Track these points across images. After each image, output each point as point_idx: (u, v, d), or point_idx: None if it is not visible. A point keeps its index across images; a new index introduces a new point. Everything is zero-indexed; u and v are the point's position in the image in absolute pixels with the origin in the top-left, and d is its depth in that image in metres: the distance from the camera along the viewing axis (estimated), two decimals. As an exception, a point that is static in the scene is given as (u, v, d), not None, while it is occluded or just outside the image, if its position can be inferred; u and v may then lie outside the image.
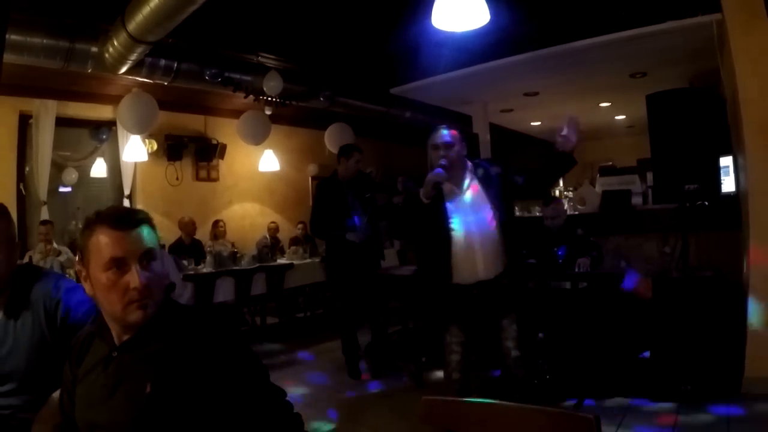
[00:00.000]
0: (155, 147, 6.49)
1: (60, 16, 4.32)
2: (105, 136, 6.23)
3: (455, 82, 5.52)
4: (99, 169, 6.17)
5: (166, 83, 5.30)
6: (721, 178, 3.79)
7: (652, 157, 3.77)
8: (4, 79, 3.30)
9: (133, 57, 4.47)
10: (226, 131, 7.10)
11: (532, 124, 8.26)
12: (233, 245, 6.27)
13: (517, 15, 4.13)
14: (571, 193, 5.62)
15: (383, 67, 5.83)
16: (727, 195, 3.96)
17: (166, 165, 6.71)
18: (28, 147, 5.63)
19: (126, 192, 6.34)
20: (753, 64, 3.30)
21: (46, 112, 5.59)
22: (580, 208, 5.23)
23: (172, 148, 6.69)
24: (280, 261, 6.07)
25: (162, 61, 5.05)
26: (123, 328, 1.12)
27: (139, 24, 3.93)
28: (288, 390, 1.23)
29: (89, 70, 4.75)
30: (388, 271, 4.61)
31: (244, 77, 5.68)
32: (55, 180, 5.87)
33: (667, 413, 3.06)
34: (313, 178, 8.22)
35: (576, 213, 5.13)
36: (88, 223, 1.12)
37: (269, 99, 5.96)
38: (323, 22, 4.95)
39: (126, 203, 6.30)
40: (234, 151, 7.25)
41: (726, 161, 3.99)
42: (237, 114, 6.53)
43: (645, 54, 4.71)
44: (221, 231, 6.56)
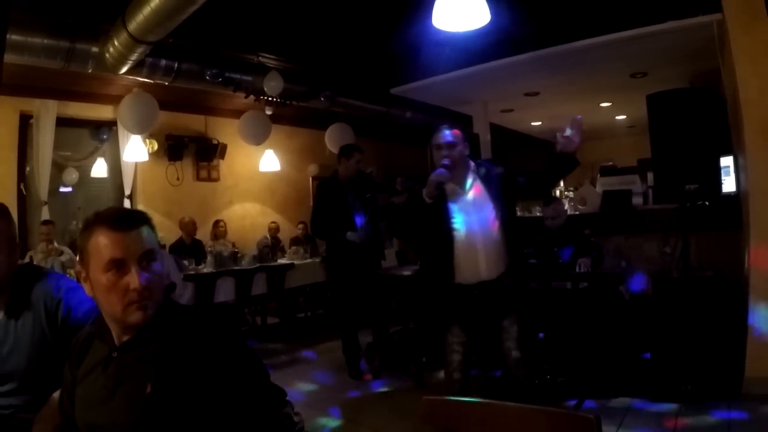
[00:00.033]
0: (156, 147, 6.50)
1: (61, 16, 4.32)
2: (105, 136, 6.23)
3: (456, 82, 5.52)
4: (99, 169, 6.17)
5: (166, 83, 5.30)
6: (722, 178, 3.79)
7: (653, 157, 3.77)
8: (4, 79, 3.30)
9: (134, 57, 4.47)
10: (227, 131, 7.11)
11: (532, 124, 8.26)
12: (234, 245, 6.27)
13: (518, 15, 4.13)
14: (571, 193, 5.61)
15: (384, 67, 5.83)
16: (728, 195, 3.96)
17: (166, 165, 6.72)
18: (29, 147, 5.64)
19: (127, 192, 6.34)
20: (753, 64, 3.29)
21: (46, 112, 5.60)
22: (580, 208, 5.23)
23: (173, 148, 6.69)
24: (281, 261, 6.07)
25: (163, 61, 5.05)
26: (123, 328, 1.12)
27: (139, 24, 3.93)
28: (289, 390, 1.24)
29: (90, 70, 4.75)
30: (389, 271, 4.61)
31: (245, 77, 5.68)
32: (56, 180, 5.87)
33: (668, 413, 3.06)
34: (314, 178, 8.23)
35: (576, 213, 5.12)
36: (87, 224, 1.12)
37: (270, 99, 5.96)
38: (323, 22, 4.95)
39: (127, 203, 6.30)
40: (234, 151, 7.26)
41: (726, 161, 3.99)
42: (237, 114, 6.53)
43: (645, 54, 4.71)
44: (222, 231, 6.57)
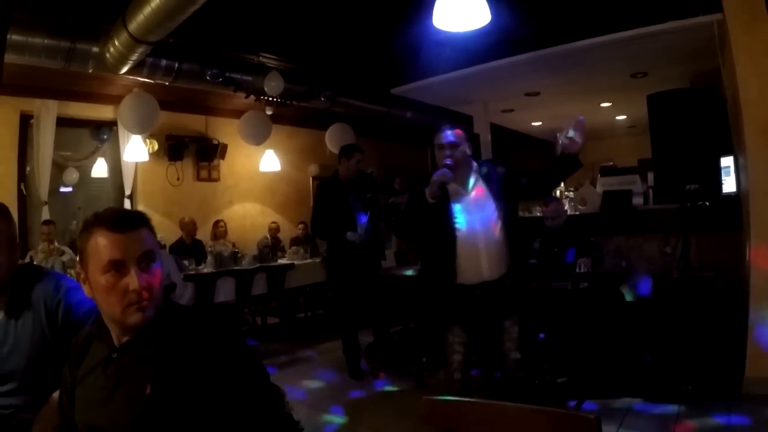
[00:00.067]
0: (156, 147, 6.50)
1: (61, 16, 4.32)
2: (106, 136, 6.23)
3: (456, 82, 5.52)
4: (100, 169, 6.17)
5: (167, 83, 5.30)
6: (722, 178, 3.78)
7: (653, 157, 3.77)
8: (5, 79, 3.30)
9: (134, 57, 4.47)
10: (227, 131, 7.11)
11: (533, 124, 8.25)
12: (234, 245, 6.28)
13: (518, 15, 4.13)
14: (572, 194, 5.61)
15: (384, 67, 5.83)
16: (728, 195, 3.95)
17: (167, 165, 6.72)
18: (29, 147, 5.64)
19: (127, 192, 6.34)
20: (754, 64, 3.29)
21: (47, 112, 5.60)
22: (581, 208, 5.22)
23: (173, 148, 6.69)
24: (281, 261, 6.08)
25: (163, 61, 5.05)
26: (122, 329, 1.12)
27: (140, 24, 3.93)
28: (289, 390, 1.24)
29: (90, 70, 4.75)
30: (389, 271, 4.61)
31: (245, 77, 5.67)
32: (56, 180, 5.87)
33: (668, 413, 3.06)
34: (314, 179, 8.22)
35: (577, 213, 5.12)
36: (86, 225, 1.12)
37: (270, 99, 5.96)
38: (324, 22, 4.95)
39: (127, 203, 6.30)
40: (235, 151, 7.25)
41: (727, 161, 3.99)
42: (238, 114, 6.53)
43: (646, 54, 4.71)
44: (222, 231, 6.57)
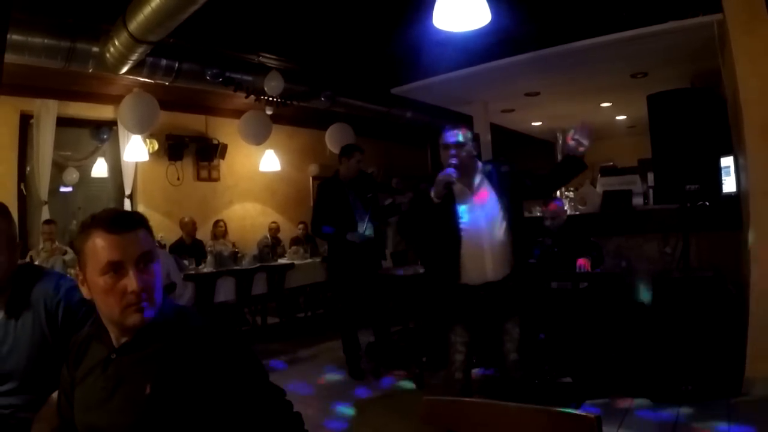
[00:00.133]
0: (156, 147, 6.49)
1: (61, 16, 4.32)
2: (106, 136, 6.23)
3: (456, 82, 5.51)
4: (100, 169, 6.17)
5: (167, 83, 5.30)
6: (722, 178, 3.78)
7: (653, 157, 3.77)
8: (5, 78, 3.30)
9: (134, 57, 4.47)
10: (227, 131, 7.10)
11: (533, 124, 8.24)
12: (234, 245, 6.27)
13: (518, 15, 4.12)
14: (571, 194, 5.60)
15: (384, 67, 5.83)
16: (728, 195, 3.95)
17: (167, 165, 6.72)
18: (29, 147, 5.64)
19: (127, 192, 6.33)
20: (754, 65, 3.29)
21: (47, 112, 5.60)
22: (581, 208, 5.22)
23: (173, 148, 6.69)
24: (281, 261, 6.08)
25: (163, 61, 5.05)
26: (121, 330, 1.12)
27: (140, 24, 3.93)
28: (288, 390, 1.23)
29: (90, 70, 4.75)
30: (388, 271, 4.61)
31: (245, 77, 5.67)
32: (56, 180, 5.87)
33: (668, 413, 3.06)
34: (314, 178, 8.22)
35: (577, 213, 5.12)
36: (84, 226, 1.11)
37: (270, 99, 5.96)
38: (324, 22, 4.95)
39: (127, 203, 6.31)
40: (235, 151, 7.25)
41: (727, 161, 3.98)
42: (238, 114, 6.53)
43: (646, 54, 4.70)
44: (222, 231, 6.57)
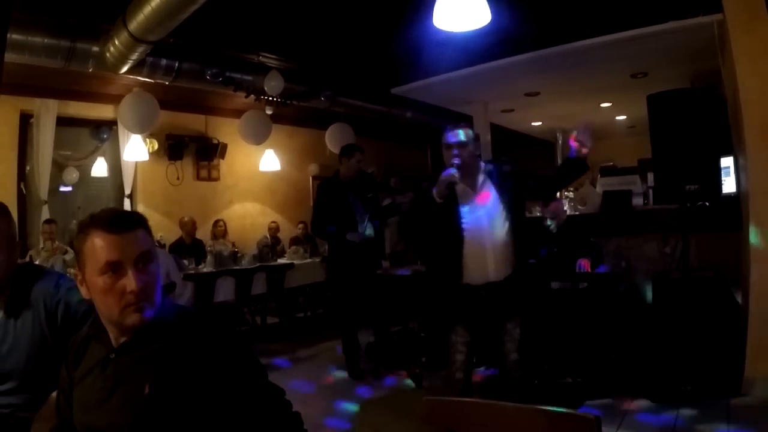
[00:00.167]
0: (156, 146, 6.50)
1: (61, 16, 4.33)
2: (106, 136, 6.24)
3: (456, 82, 5.51)
4: (100, 168, 6.17)
5: (167, 83, 5.30)
6: (722, 178, 3.78)
7: (653, 157, 3.76)
8: (5, 78, 3.30)
9: (134, 56, 4.47)
10: (227, 131, 7.10)
11: (533, 124, 8.24)
12: (234, 245, 6.27)
13: (518, 15, 4.13)
14: (571, 194, 5.60)
15: (384, 67, 5.83)
16: (728, 195, 3.95)
17: (166, 164, 6.72)
18: (29, 146, 5.64)
19: (127, 191, 6.33)
20: (754, 65, 3.29)
21: (47, 112, 5.60)
22: (580, 208, 5.22)
23: (173, 147, 6.69)
24: (281, 261, 6.08)
25: (163, 61, 5.05)
26: (120, 330, 1.12)
27: (140, 23, 3.93)
28: (288, 390, 1.23)
29: (90, 70, 4.75)
30: (388, 271, 4.60)
31: (245, 77, 5.68)
32: (56, 179, 5.87)
33: (668, 413, 3.06)
34: (314, 178, 8.22)
35: (577, 213, 5.11)
36: (83, 226, 1.11)
37: (270, 99, 5.96)
38: (324, 22, 4.95)
39: (127, 203, 6.31)
40: (235, 150, 7.25)
41: (727, 162, 3.98)
42: (238, 114, 6.53)
43: (646, 54, 4.70)
44: (221, 230, 6.56)
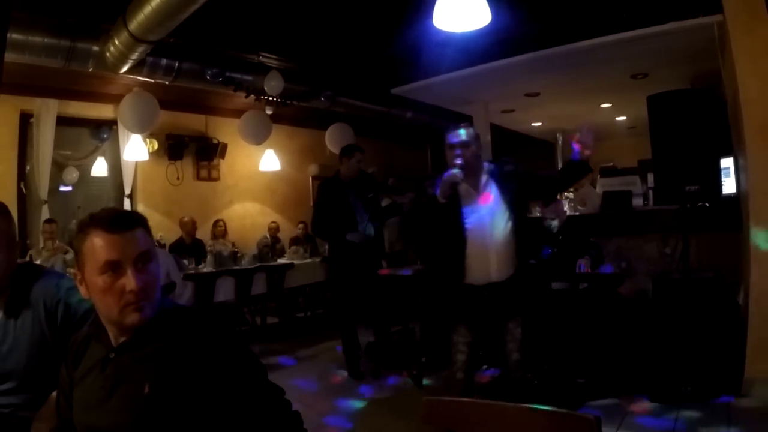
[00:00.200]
0: (156, 146, 6.50)
1: (61, 16, 4.32)
2: (106, 136, 6.24)
3: (456, 82, 5.51)
4: (100, 168, 6.16)
5: (167, 83, 5.30)
6: (722, 179, 3.78)
7: (653, 158, 3.76)
8: (5, 77, 3.30)
9: (135, 56, 4.47)
10: (227, 131, 7.10)
11: (533, 124, 8.24)
12: (234, 245, 6.27)
13: (519, 15, 4.13)
14: (571, 194, 5.60)
15: (384, 67, 5.82)
16: (728, 196, 3.95)
17: (166, 164, 6.72)
18: (29, 146, 5.64)
19: (127, 191, 6.33)
20: (754, 65, 3.29)
21: (47, 111, 5.60)
22: (580, 209, 5.22)
23: (173, 147, 6.69)
24: (281, 261, 6.08)
25: (163, 61, 5.05)
26: (120, 330, 1.12)
27: (140, 23, 3.93)
28: (288, 389, 1.23)
29: (90, 70, 4.75)
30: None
31: (245, 77, 5.67)
32: (56, 179, 5.87)
33: (668, 414, 3.06)
34: (314, 178, 8.22)
35: (577, 214, 5.11)
36: (82, 226, 1.11)
37: (270, 99, 5.96)
38: (324, 22, 4.95)
39: (127, 202, 6.31)
40: (235, 150, 7.25)
41: (727, 162, 3.98)
42: (238, 114, 6.53)
43: (646, 55, 4.70)
44: (221, 230, 6.56)
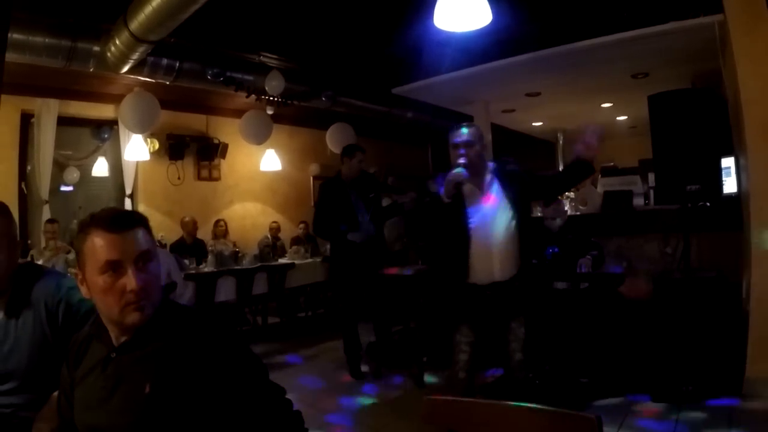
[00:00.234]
0: (157, 146, 6.50)
1: (62, 16, 4.33)
2: (107, 135, 6.24)
3: (457, 82, 5.51)
4: (100, 168, 6.17)
5: (168, 82, 5.31)
6: (723, 178, 3.78)
7: (654, 157, 3.76)
8: (6, 78, 3.30)
9: (135, 56, 4.47)
10: (228, 131, 7.10)
11: (533, 124, 8.24)
12: (235, 245, 6.28)
13: (519, 15, 4.13)
14: (572, 194, 5.60)
15: (385, 67, 5.82)
16: (729, 196, 3.95)
17: (167, 164, 6.72)
18: (30, 146, 5.64)
19: (128, 191, 6.34)
20: (754, 65, 3.29)
21: (47, 111, 5.60)
22: (581, 208, 5.22)
23: (174, 147, 6.69)
24: (282, 260, 6.08)
25: (164, 61, 5.06)
26: (121, 329, 1.12)
27: (141, 23, 3.94)
28: (289, 389, 1.23)
29: (91, 70, 4.75)
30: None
31: (246, 77, 5.68)
32: (57, 179, 5.87)
33: (669, 413, 3.06)
34: (315, 178, 8.22)
35: (577, 213, 5.12)
36: (83, 226, 1.11)
37: (271, 98, 5.97)
38: (325, 22, 4.95)
39: (128, 202, 6.31)
40: (235, 150, 7.25)
41: (728, 162, 3.98)
42: (239, 113, 6.53)
43: (647, 54, 4.70)
44: (222, 230, 6.57)
